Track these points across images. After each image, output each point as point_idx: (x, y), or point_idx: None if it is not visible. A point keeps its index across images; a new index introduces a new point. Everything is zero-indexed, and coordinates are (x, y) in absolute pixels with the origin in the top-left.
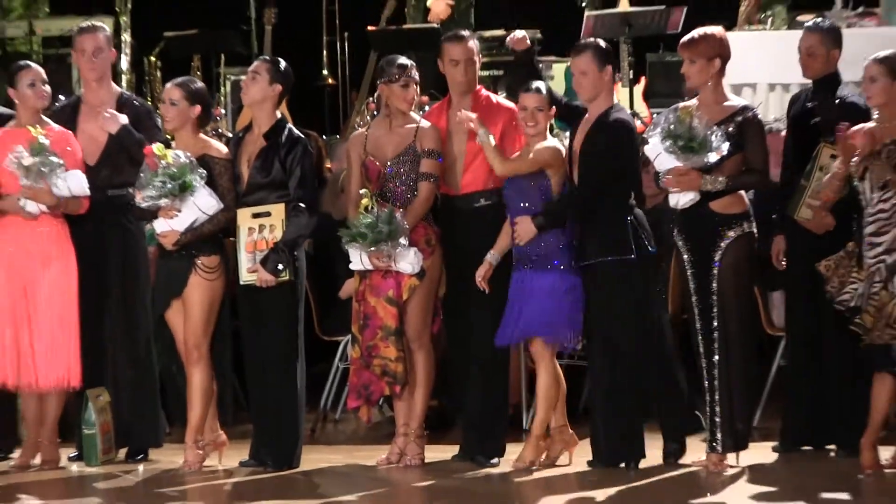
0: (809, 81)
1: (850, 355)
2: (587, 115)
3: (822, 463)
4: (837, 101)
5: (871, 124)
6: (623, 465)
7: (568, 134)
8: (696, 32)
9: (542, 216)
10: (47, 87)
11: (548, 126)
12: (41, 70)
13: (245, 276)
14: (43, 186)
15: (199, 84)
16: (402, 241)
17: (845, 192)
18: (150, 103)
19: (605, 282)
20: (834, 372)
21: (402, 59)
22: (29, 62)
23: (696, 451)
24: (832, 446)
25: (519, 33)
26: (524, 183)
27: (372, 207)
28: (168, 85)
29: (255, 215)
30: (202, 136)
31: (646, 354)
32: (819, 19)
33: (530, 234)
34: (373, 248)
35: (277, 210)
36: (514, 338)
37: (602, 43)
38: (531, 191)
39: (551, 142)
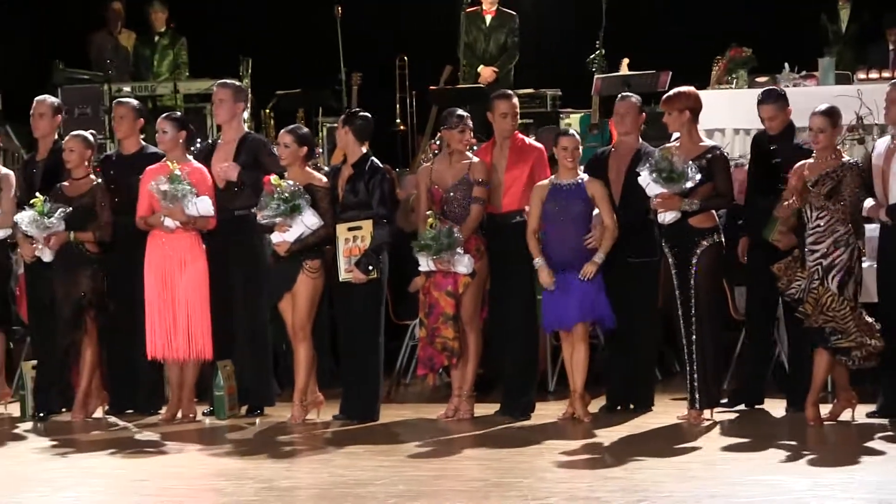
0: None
1: (795, 334)
2: (619, 150)
3: (775, 418)
4: (796, 146)
5: (808, 161)
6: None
7: None
8: (672, 91)
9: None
10: (179, 134)
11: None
12: (175, 121)
13: (343, 275)
14: (176, 207)
15: (305, 130)
16: (459, 250)
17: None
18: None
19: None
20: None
21: (460, 112)
22: (169, 115)
23: (679, 409)
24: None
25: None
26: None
27: (435, 224)
28: (282, 131)
29: (350, 228)
30: (308, 169)
31: None
32: (769, 89)
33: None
34: (436, 256)
35: (367, 225)
36: (566, 325)
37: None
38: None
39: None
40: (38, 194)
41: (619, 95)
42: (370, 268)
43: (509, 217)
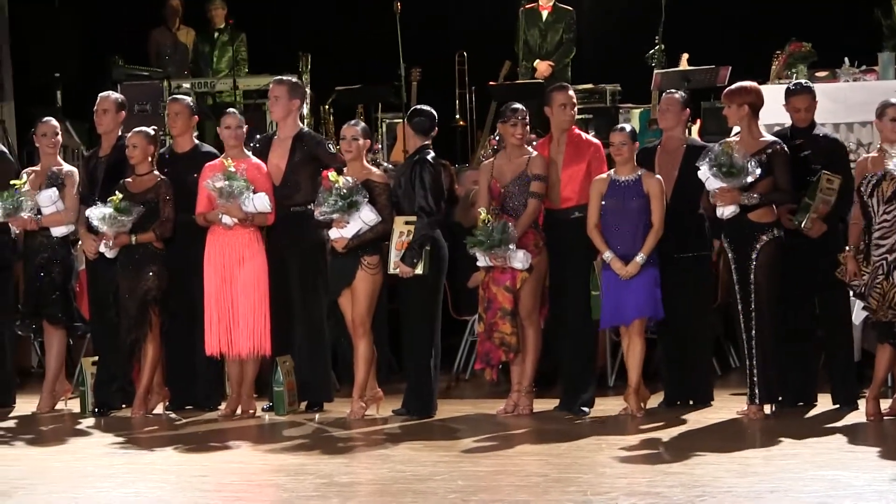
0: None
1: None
2: (667, 145)
3: (833, 413)
4: (823, 136)
5: (873, 154)
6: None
7: None
8: (734, 85)
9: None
10: (242, 130)
11: (633, 155)
12: (238, 116)
13: (391, 269)
14: (232, 204)
15: (364, 125)
16: (512, 246)
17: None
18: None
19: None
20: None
21: (515, 105)
22: (231, 109)
23: (738, 404)
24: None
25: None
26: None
27: (489, 220)
28: (349, 126)
29: (406, 222)
30: (366, 164)
31: None
32: (800, 82)
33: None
34: (489, 252)
35: None
36: (623, 320)
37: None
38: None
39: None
40: (116, 193)
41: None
42: (415, 261)
43: (567, 213)
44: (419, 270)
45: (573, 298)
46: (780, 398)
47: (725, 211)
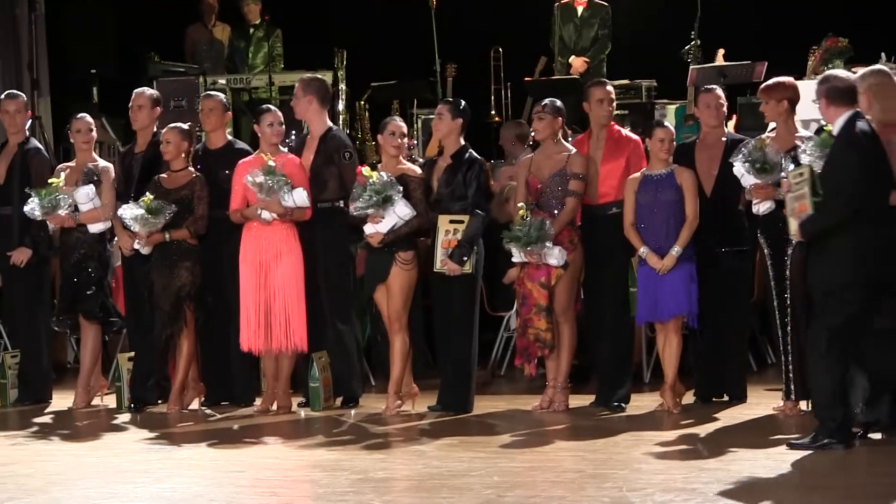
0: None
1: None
2: (706, 140)
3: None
4: None
5: None
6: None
7: None
8: (772, 80)
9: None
10: (282, 127)
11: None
12: (279, 113)
13: (438, 266)
14: (272, 199)
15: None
16: (548, 243)
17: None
18: (348, 135)
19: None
20: None
21: (547, 100)
22: (270, 106)
23: (774, 400)
24: None
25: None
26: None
27: (526, 216)
28: (395, 122)
29: (452, 221)
30: (402, 159)
31: None
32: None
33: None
34: (526, 248)
35: (467, 218)
36: (659, 317)
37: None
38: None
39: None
40: (147, 193)
41: (703, 87)
42: (464, 259)
43: (605, 208)
44: (467, 269)
45: (610, 295)
46: None
47: (761, 207)
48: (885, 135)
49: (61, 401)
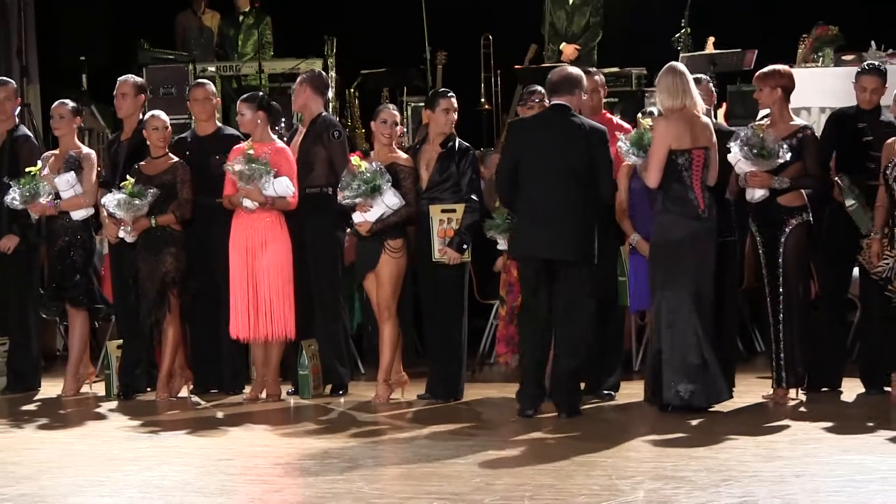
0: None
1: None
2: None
3: (859, 398)
4: (887, 123)
5: None
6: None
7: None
8: (767, 68)
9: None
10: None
11: None
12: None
13: (436, 256)
14: (253, 187)
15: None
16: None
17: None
18: (337, 121)
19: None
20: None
21: (533, 87)
22: (257, 94)
23: (763, 388)
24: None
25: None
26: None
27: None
28: (389, 109)
29: (444, 210)
30: (393, 148)
31: None
32: (872, 63)
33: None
34: (507, 234)
35: (460, 208)
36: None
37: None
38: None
39: None
40: (127, 177)
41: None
42: (464, 247)
43: None
44: (466, 257)
45: (599, 283)
46: (806, 382)
47: (756, 194)
48: None
49: (50, 388)
